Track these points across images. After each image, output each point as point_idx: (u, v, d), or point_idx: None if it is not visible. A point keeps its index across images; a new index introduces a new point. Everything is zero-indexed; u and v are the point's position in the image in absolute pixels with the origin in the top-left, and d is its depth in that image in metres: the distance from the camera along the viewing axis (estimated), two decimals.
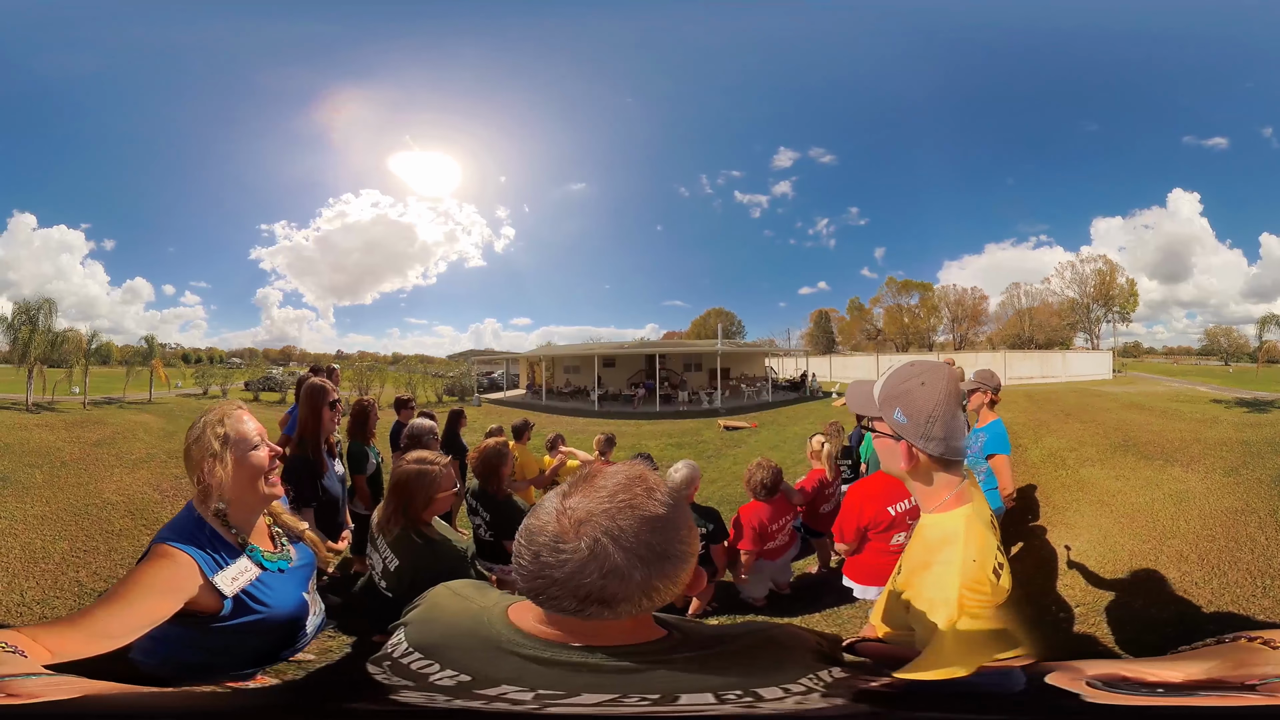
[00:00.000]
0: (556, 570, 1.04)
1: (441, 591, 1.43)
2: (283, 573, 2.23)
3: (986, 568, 1.61)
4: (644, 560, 1.05)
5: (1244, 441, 9.61)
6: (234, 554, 2.07)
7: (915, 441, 1.69)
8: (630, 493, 1.09)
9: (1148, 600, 4.82)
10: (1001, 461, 4.86)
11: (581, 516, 1.06)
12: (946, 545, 1.66)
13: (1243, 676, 1.20)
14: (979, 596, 1.56)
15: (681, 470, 5.09)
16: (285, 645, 2.25)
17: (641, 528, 1.06)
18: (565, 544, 1.04)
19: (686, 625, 1.28)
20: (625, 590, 1.04)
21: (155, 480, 9.03)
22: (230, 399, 2.29)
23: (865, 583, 4.38)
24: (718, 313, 39.50)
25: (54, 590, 5.41)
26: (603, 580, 1.03)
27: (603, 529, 1.04)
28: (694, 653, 1.17)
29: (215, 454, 2.07)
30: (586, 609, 1.06)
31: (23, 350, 17.23)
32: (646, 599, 1.07)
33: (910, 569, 1.80)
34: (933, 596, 1.61)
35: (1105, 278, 36.00)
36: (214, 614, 1.98)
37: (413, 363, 33.49)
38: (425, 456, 3.16)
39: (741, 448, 15.27)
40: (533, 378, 29.04)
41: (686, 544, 1.13)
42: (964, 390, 5.68)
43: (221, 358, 33.12)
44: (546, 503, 1.13)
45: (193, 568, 1.92)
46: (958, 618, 1.52)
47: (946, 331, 39.81)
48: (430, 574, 2.42)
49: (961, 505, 1.71)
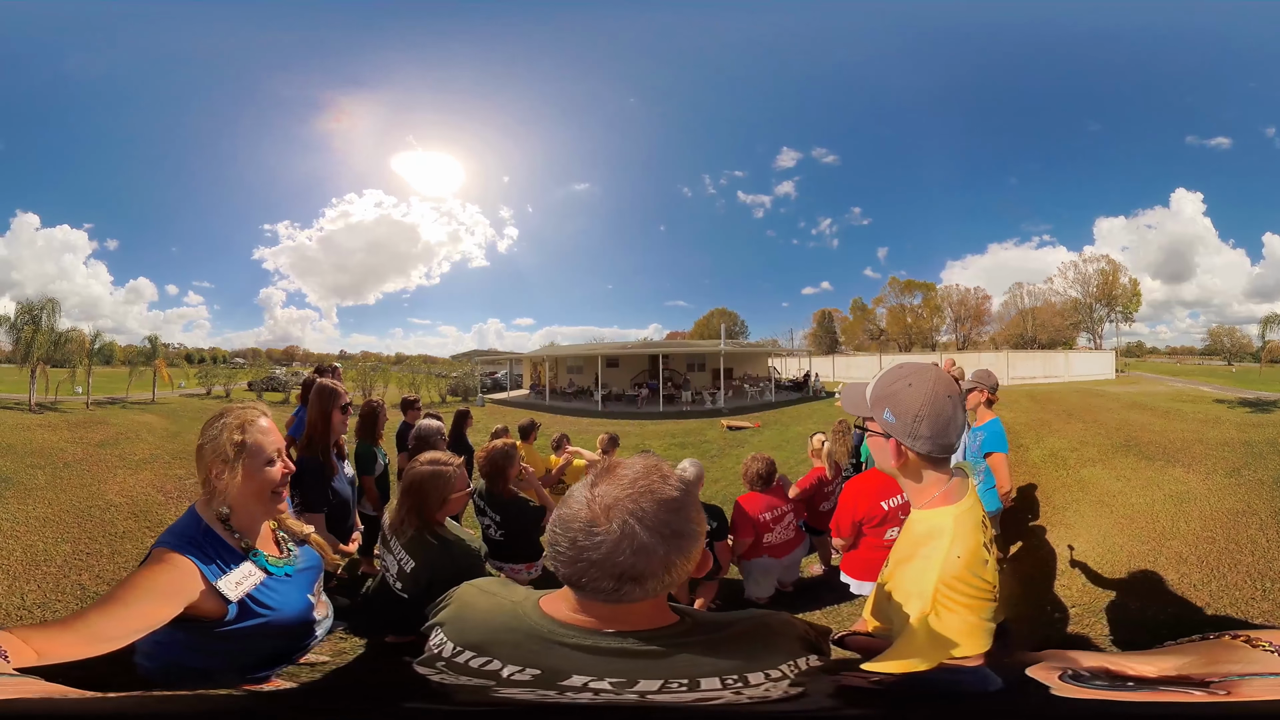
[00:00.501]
0: (593, 552, 1.15)
1: (469, 590, 1.50)
2: (288, 577, 2.21)
3: (971, 564, 1.64)
4: (664, 538, 1.16)
5: (1246, 442, 9.58)
6: (237, 559, 2.05)
7: (903, 440, 1.76)
8: (649, 479, 1.21)
9: (1146, 601, 4.81)
10: (999, 460, 4.87)
11: (609, 503, 1.17)
12: (931, 540, 1.71)
13: (1208, 673, 1.21)
14: (958, 593, 1.60)
15: (689, 469, 5.12)
16: (292, 648, 2.24)
17: (660, 509, 1.17)
18: (598, 528, 1.15)
19: (692, 611, 1.37)
20: (651, 566, 1.15)
21: (159, 481, 9.00)
22: (254, 402, 2.22)
23: (861, 578, 4.41)
24: (721, 313, 39.54)
25: (55, 593, 5.35)
26: (634, 558, 1.14)
27: (629, 511, 1.15)
28: (705, 636, 1.28)
29: (228, 460, 2.04)
30: (622, 587, 1.16)
31: (26, 350, 17.29)
32: (668, 574, 1.18)
33: (895, 562, 1.87)
34: (909, 589, 1.67)
35: (1108, 277, 35.99)
36: (218, 619, 1.97)
37: (416, 363, 33.57)
38: (439, 458, 3.16)
39: (744, 448, 15.17)
40: (536, 378, 29.06)
41: (697, 524, 1.24)
42: (962, 389, 5.69)
43: (225, 358, 33.22)
44: (576, 494, 1.23)
45: (193, 572, 1.91)
46: (929, 611, 1.57)
47: (949, 331, 39.87)
48: (447, 574, 2.48)
49: (950, 503, 1.75)
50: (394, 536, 3.08)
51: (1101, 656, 1.40)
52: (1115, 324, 36.53)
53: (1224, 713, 1.15)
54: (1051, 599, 5.02)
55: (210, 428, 2.09)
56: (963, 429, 1.82)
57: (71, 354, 18.46)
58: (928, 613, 1.58)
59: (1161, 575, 5.11)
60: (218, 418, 2.11)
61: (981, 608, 1.62)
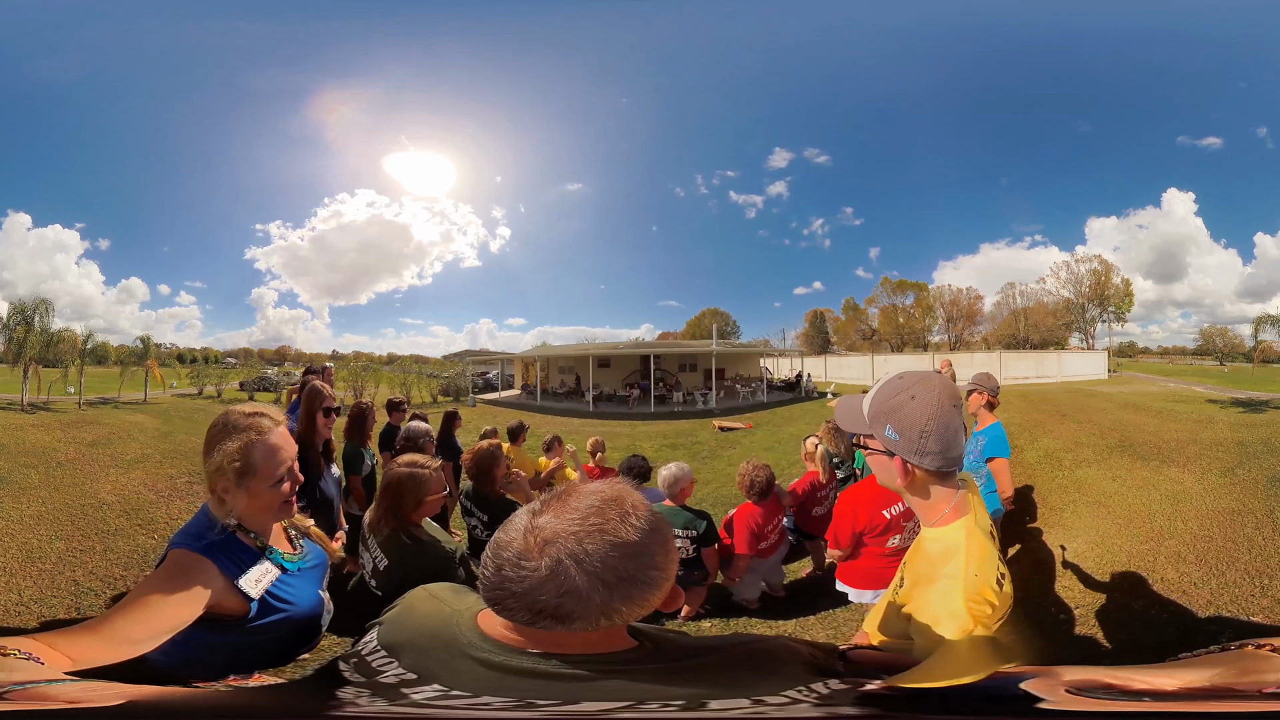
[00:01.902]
0: (515, 585, 1.06)
1: (419, 593, 1.46)
2: (300, 572, 2.23)
3: (989, 579, 1.60)
4: (607, 584, 1.05)
5: (1239, 442, 9.61)
6: (255, 557, 2.06)
7: (910, 457, 1.68)
8: (603, 516, 1.09)
9: (1146, 601, 4.82)
10: (1001, 465, 4.88)
11: (548, 537, 1.07)
12: (950, 559, 1.65)
13: (1255, 683, 1.19)
14: (981, 609, 1.55)
15: (672, 469, 5.12)
16: (305, 642, 2.26)
17: (610, 553, 1.06)
18: (528, 562, 1.06)
19: (664, 637, 1.28)
20: (582, 609, 1.05)
21: (150, 481, 9.00)
22: (264, 409, 2.14)
23: (861, 587, 4.39)
24: (713, 313, 39.63)
25: (51, 590, 5.39)
26: (559, 599, 1.04)
27: (567, 551, 1.05)
28: (661, 665, 1.17)
29: (232, 482, 1.98)
30: (539, 621, 1.07)
31: (18, 350, 17.22)
32: (605, 619, 1.08)
33: (913, 582, 1.78)
34: (938, 611, 1.59)
35: (1100, 278, 36.19)
36: (241, 616, 1.98)
37: (408, 363, 33.53)
38: (416, 460, 3.24)
39: (736, 448, 15.29)
40: (527, 378, 29.04)
41: (660, 569, 1.13)
42: (962, 391, 5.69)
43: (216, 358, 33.04)
44: (518, 519, 1.14)
45: (213, 572, 1.91)
46: (972, 628, 1.52)
47: (941, 331, 39.99)
48: (418, 574, 2.45)
49: (961, 517, 1.70)
50: (371, 535, 3.17)
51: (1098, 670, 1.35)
52: (1107, 324, 36.76)
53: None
54: (1054, 600, 5.02)
55: (214, 446, 2.00)
56: (962, 438, 1.75)
57: (64, 354, 18.40)
58: (969, 629, 1.51)
59: (1161, 575, 5.13)
60: (223, 432, 2.01)
61: (1000, 622, 1.59)
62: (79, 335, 19.43)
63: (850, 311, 41.67)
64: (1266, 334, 21.81)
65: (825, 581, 5.35)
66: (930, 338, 39.77)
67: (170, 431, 13.60)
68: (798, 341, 40.22)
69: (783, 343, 38.86)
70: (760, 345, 35.73)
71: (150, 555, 6.30)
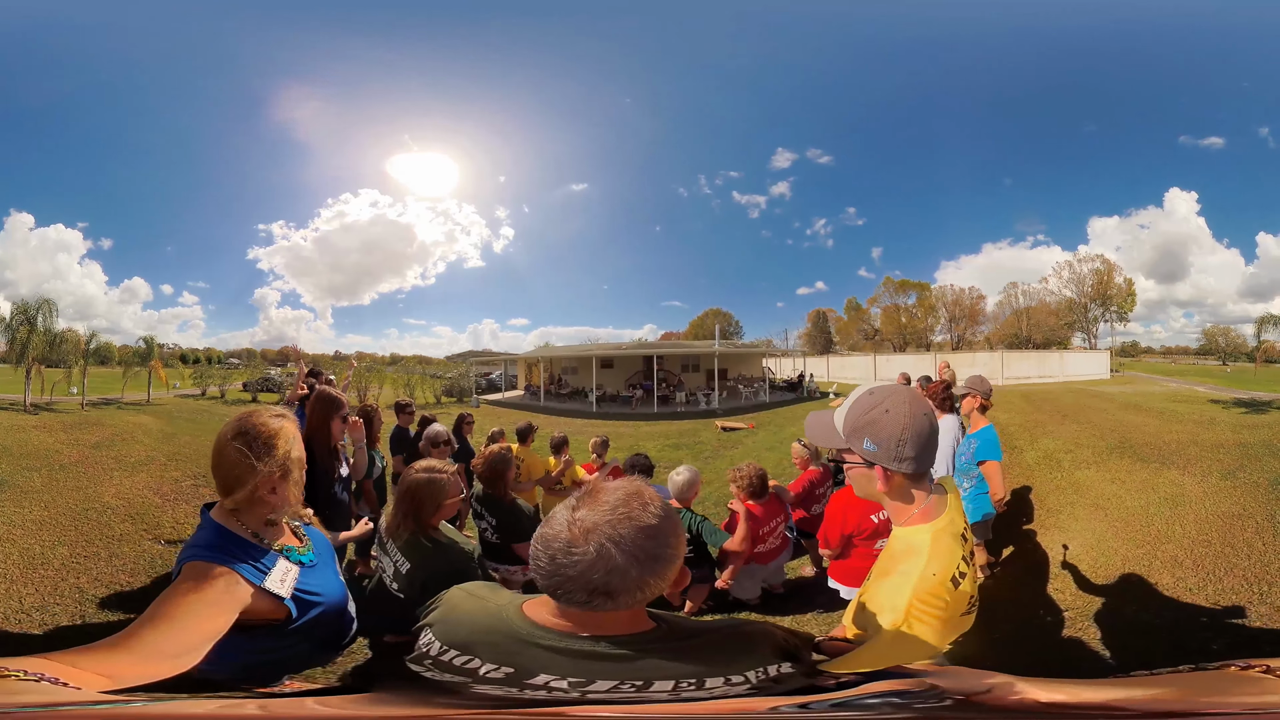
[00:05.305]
0: (570, 569, 1.28)
1: (457, 593, 1.63)
2: (313, 565, 2.21)
3: (945, 578, 1.70)
4: (639, 561, 1.28)
5: (1241, 444, 9.57)
6: (271, 557, 2.05)
7: (889, 465, 1.80)
8: (629, 506, 1.32)
9: (1140, 606, 4.82)
10: (993, 468, 4.92)
11: (589, 527, 1.29)
12: (909, 557, 1.77)
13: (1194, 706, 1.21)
14: (933, 607, 1.67)
15: (684, 474, 5.19)
16: (343, 632, 2.30)
17: (638, 535, 1.29)
18: (576, 549, 1.28)
19: (672, 619, 1.49)
20: (624, 584, 1.28)
21: (155, 484, 8.93)
22: (278, 409, 2.16)
23: (851, 585, 4.46)
24: (715, 313, 39.53)
25: (53, 596, 5.32)
26: (607, 577, 1.27)
27: (607, 535, 1.28)
28: (676, 643, 1.41)
29: (288, 474, 2.02)
30: (593, 600, 1.29)
31: (20, 350, 17.19)
32: (640, 592, 1.31)
33: (874, 576, 1.95)
34: (883, 603, 1.75)
35: (1102, 277, 36.04)
36: (277, 619, 1.99)
37: (411, 364, 33.42)
38: (434, 465, 3.31)
39: (739, 449, 15.30)
40: (530, 379, 29.03)
41: (674, 548, 1.36)
42: (956, 395, 5.73)
43: (219, 358, 33.02)
44: (558, 515, 1.35)
45: (236, 579, 1.89)
46: (902, 624, 1.66)
47: (944, 331, 39.83)
48: (440, 575, 2.60)
49: (930, 520, 1.81)
50: (390, 539, 3.22)
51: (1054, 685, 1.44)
52: (1110, 324, 36.59)
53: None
54: (1046, 603, 5.03)
55: (259, 445, 2.00)
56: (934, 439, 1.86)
57: (67, 354, 18.39)
58: (900, 625, 1.66)
59: (1157, 579, 5.13)
60: (256, 431, 2.02)
61: (956, 620, 1.70)
62: (82, 335, 19.43)
63: (853, 311, 41.56)
64: (1269, 334, 21.71)
65: (823, 580, 5.38)
66: (933, 337, 39.63)
67: (174, 433, 13.57)
68: (800, 342, 40.12)
69: (785, 343, 38.77)
70: (763, 345, 35.62)
71: (156, 561, 6.30)
